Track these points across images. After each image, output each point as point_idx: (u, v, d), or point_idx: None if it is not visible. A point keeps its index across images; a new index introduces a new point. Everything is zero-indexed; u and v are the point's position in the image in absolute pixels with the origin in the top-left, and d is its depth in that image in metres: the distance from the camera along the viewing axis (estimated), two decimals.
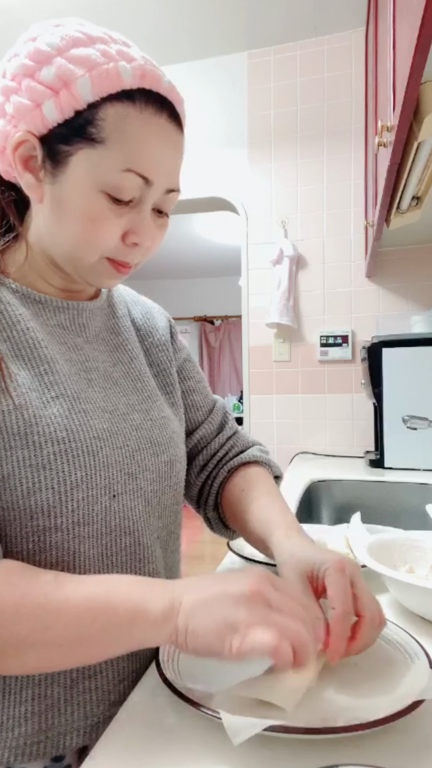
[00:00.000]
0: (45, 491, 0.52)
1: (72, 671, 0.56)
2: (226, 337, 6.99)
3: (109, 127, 0.52)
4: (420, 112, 0.87)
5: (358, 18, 2.06)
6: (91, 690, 0.57)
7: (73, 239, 0.56)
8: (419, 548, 0.76)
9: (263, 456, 0.81)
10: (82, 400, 0.58)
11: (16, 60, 0.54)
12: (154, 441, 0.64)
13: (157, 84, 0.54)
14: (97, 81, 0.51)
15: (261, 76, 2.27)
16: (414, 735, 0.45)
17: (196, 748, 0.44)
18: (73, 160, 0.53)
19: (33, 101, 0.52)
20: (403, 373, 1.70)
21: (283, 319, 2.17)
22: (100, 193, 0.53)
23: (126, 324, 0.72)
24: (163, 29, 2.14)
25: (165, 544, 0.66)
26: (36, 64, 0.52)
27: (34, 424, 0.53)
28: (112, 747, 0.45)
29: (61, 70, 0.51)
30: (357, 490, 1.57)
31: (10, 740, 0.54)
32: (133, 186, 0.54)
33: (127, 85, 0.52)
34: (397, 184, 1.20)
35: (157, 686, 0.52)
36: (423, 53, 0.69)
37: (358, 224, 2.17)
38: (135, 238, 0.57)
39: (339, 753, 0.42)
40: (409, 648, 0.54)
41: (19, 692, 0.54)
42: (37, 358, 0.57)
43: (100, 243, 0.56)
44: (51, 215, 0.56)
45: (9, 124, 0.55)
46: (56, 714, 0.55)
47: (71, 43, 0.52)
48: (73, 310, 0.64)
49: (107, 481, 0.57)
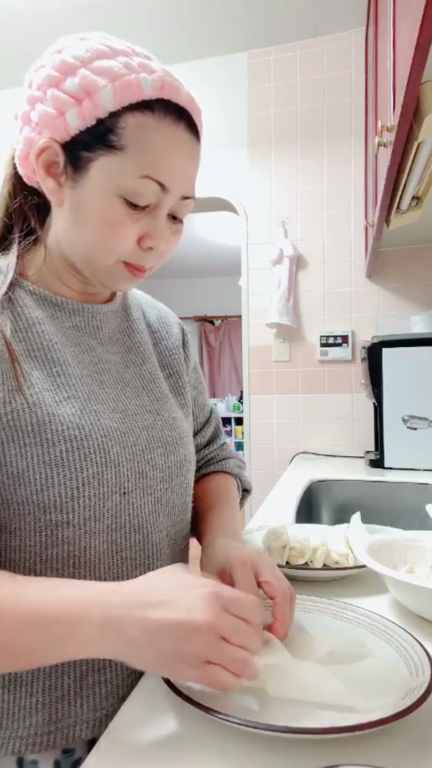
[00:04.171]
0: (58, 487, 0.55)
1: (82, 664, 0.58)
2: (226, 337, 6.99)
3: (129, 135, 0.54)
4: (420, 112, 0.87)
5: (358, 18, 2.06)
6: (100, 683, 0.59)
7: (90, 242, 0.58)
8: (419, 548, 0.76)
9: (236, 469, 0.86)
10: (94, 400, 0.60)
11: (42, 71, 0.56)
12: (164, 441, 0.66)
13: (176, 95, 0.56)
14: (119, 91, 0.53)
15: (261, 76, 2.27)
16: (414, 735, 0.45)
17: (195, 747, 0.44)
18: (94, 166, 0.55)
19: (57, 109, 0.55)
20: (403, 373, 1.70)
21: (283, 319, 2.17)
22: (118, 198, 0.56)
23: (140, 327, 0.74)
24: (163, 29, 2.14)
25: (173, 542, 0.68)
26: (61, 75, 0.55)
27: (47, 422, 0.55)
28: (113, 747, 0.45)
29: (85, 81, 0.54)
30: (357, 490, 1.57)
31: (21, 730, 0.56)
32: (150, 192, 0.56)
33: (147, 96, 0.54)
34: (397, 184, 1.20)
35: (157, 685, 0.52)
36: (423, 53, 0.69)
37: (358, 224, 2.17)
38: (150, 242, 0.59)
39: (339, 753, 0.42)
40: (410, 648, 0.54)
41: (29, 684, 0.56)
42: (50, 360, 0.59)
43: (117, 246, 0.58)
44: (70, 219, 0.58)
45: (33, 131, 0.57)
46: (66, 706, 0.57)
47: (95, 55, 0.55)
48: (88, 313, 0.66)
49: (117, 478, 0.59)
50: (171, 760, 0.43)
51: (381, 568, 0.65)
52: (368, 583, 0.76)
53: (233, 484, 0.83)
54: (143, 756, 0.43)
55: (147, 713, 0.49)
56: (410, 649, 0.54)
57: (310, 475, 1.66)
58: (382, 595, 0.73)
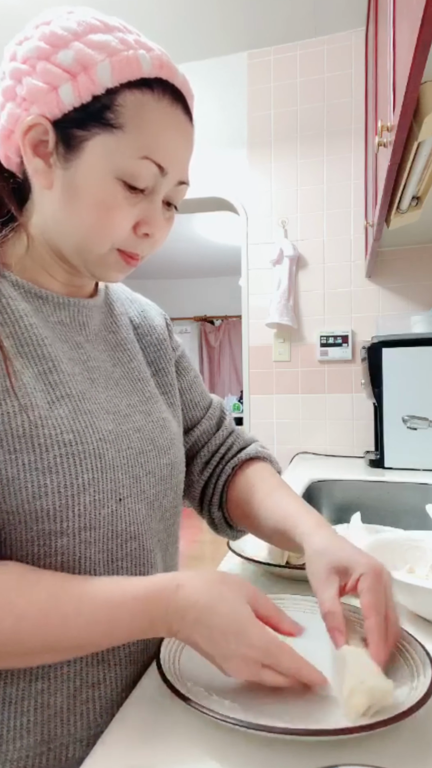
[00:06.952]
0: (51, 495, 0.51)
1: (75, 680, 0.54)
2: (226, 337, 6.99)
3: (127, 113, 0.51)
4: (420, 112, 0.87)
5: (358, 18, 2.06)
6: (94, 699, 0.55)
7: (84, 228, 0.54)
8: (419, 548, 0.76)
9: (265, 452, 0.80)
10: (87, 400, 0.57)
11: (28, 43, 0.52)
12: (155, 443, 0.63)
13: (173, 76, 0.54)
14: (117, 67, 0.51)
15: (261, 76, 2.27)
16: (414, 735, 0.45)
17: (196, 748, 0.44)
18: (89, 146, 0.52)
19: (48, 84, 0.51)
20: (403, 373, 1.70)
21: (283, 319, 2.17)
22: (116, 180, 0.53)
23: (124, 322, 0.70)
24: (163, 29, 2.14)
25: (165, 548, 0.66)
26: (52, 48, 0.51)
27: (40, 426, 0.51)
28: (112, 747, 0.45)
29: (79, 54, 0.50)
30: (357, 490, 1.57)
31: (11, 753, 0.52)
32: (149, 174, 0.54)
33: (146, 74, 0.52)
34: (397, 184, 1.20)
35: (157, 686, 0.52)
36: (423, 53, 0.69)
37: (358, 224, 2.17)
38: (146, 228, 0.56)
39: (339, 753, 0.42)
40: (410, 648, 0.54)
41: (20, 702, 0.52)
42: (40, 356, 0.55)
43: (113, 232, 0.55)
44: (61, 202, 0.54)
45: (19, 107, 0.53)
46: (59, 724, 0.53)
47: (88, 29, 0.52)
48: (74, 307, 0.62)
49: (113, 484, 0.56)
50: (171, 760, 0.43)
51: None
52: None
53: (274, 470, 0.78)
54: (143, 756, 0.43)
55: (147, 713, 0.49)
56: (410, 650, 0.54)
57: (310, 475, 1.66)
58: None
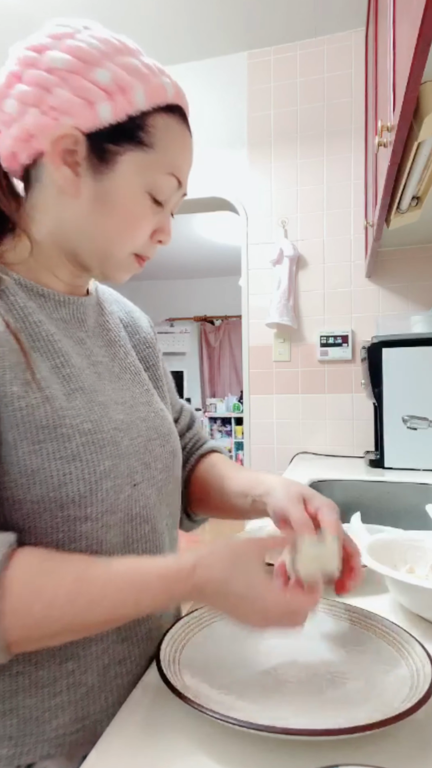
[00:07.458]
0: (76, 482, 0.54)
1: (103, 657, 0.58)
2: (226, 337, 6.99)
3: (158, 134, 0.58)
4: (420, 112, 0.87)
5: (358, 18, 2.06)
6: (122, 675, 0.59)
7: (112, 234, 0.60)
8: (419, 548, 0.76)
9: (220, 446, 0.89)
10: (98, 392, 0.60)
11: (52, 54, 0.55)
12: (159, 432, 0.67)
13: (184, 101, 0.62)
14: (150, 93, 0.57)
15: (261, 76, 2.27)
16: (414, 735, 0.45)
17: (196, 749, 0.44)
18: (122, 160, 0.57)
19: (84, 99, 0.55)
20: (403, 373, 1.70)
21: (283, 319, 2.17)
22: (146, 194, 0.59)
23: (115, 320, 0.74)
24: (162, 29, 2.14)
25: (171, 532, 0.70)
26: (84, 65, 0.55)
27: (62, 416, 0.54)
28: (112, 747, 0.45)
29: (116, 76, 0.55)
30: (357, 490, 1.57)
31: (48, 733, 0.55)
32: (170, 188, 0.61)
33: (171, 100, 0.59)
34: (397, 184, 1.20)
35: (157, 686, 0.52)
36: (423, 53, 0.69)
37: (358, 224, 2.17)
38: (161, 235, 0.64)
39: (339, 753, 0.42)
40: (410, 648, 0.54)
41: (52, 684, 0.55)
42: (52, 351, 0.58)
43: (136, 240, 0.61)
44: (89, 210, 0.58)
45: (46, 115, 0.55)
46: (91, 701, 0.57)
47: (114, 50, 0.56)
48: (73, 305, 0.65)
49: (129, 470, 0.60)
50: (171, 760, 0.43)
51: (381, 568, 0.65)
52: (368, 583, 0.76)
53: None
54: (143, 756, 0.43)
55: (147, 713, 0.49)
56: (410, 650, 0.54)
57: (310, 475, 1.66)
58: (382, 595, 0.73)
